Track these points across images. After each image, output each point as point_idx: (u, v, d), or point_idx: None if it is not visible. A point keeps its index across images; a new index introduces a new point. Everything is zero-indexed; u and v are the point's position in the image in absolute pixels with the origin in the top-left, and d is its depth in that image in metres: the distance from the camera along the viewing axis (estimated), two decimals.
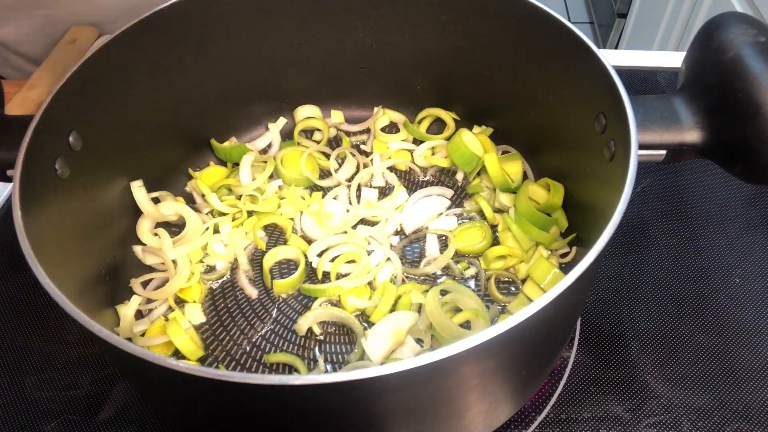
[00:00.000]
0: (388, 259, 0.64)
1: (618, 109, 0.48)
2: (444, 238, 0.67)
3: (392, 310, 0.60)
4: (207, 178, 0.73)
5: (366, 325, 0.61)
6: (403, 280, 0.64)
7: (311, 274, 0.66)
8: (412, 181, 0.74)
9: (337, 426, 0.42)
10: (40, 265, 0.41)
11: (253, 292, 0.64)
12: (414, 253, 0.67)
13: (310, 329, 0.61)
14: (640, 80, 0.89)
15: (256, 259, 0.68)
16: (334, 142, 0.79)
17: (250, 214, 0.70)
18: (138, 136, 0.65)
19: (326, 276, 0.65)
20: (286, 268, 0.67)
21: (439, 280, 0.64)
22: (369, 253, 0.65)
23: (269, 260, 0.66)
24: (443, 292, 0.60)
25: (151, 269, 0.66)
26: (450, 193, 0.72)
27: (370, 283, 0.63)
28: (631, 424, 0.55)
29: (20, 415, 0.59)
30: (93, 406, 0.59)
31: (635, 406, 0.57)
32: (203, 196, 0.71)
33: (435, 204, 0.70)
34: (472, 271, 0.64)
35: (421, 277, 0.64)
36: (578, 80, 0.55)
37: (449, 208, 0.70)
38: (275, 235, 0.70)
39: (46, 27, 1.02)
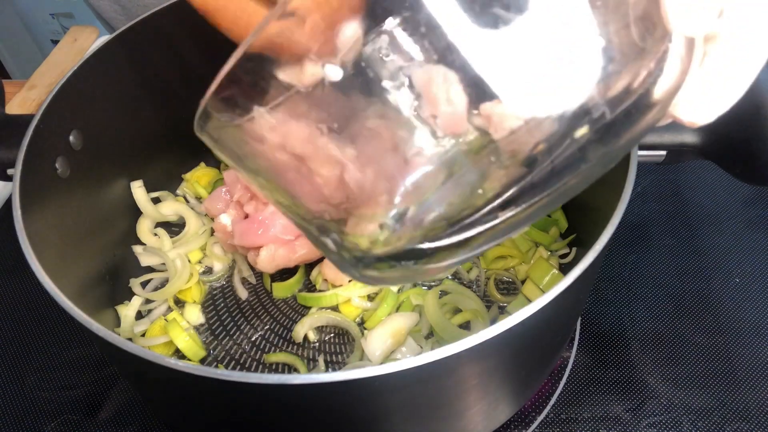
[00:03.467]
0: None
1: None
2: None
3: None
4: (200, 178, 0.72)
5: (363, 330, 0.60)
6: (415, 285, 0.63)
7: (309, 284, 0.64)
8: None
9: (337, 426, 0.42)
10: (40, 264, 0.42)
11: (243, 294, 0.64)
12: None
13: (306, 336, 0.60)
14: None
15: None
16: None
17: None
18: (138, 135, 0.65)
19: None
20: (286, 270, 0.66)
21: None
22: None
23: None
24: (443, 293, 0.60)
25: (151, 269, 0.66)
26: None
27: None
28: (631, 424, 0.55)
29: (20, 415, 0.59)
30: (93, 406, 0.59)
31: (635, 406, 0.57)
32: (197, 198, 0.71)
33: None
34: (474, 273, 0.64)
35: (430, 283, 0.63)
36: None
37: None
38: None
39: None
